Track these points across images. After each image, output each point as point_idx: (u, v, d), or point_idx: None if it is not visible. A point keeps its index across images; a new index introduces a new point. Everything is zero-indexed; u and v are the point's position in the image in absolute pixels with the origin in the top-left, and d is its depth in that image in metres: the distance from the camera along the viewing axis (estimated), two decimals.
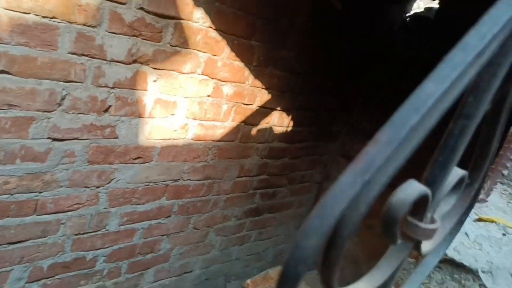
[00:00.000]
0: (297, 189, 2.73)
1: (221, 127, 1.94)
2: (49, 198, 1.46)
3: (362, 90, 2.75)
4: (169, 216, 1.94)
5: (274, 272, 2.59)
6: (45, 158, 1.38)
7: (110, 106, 1.47)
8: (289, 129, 2.37)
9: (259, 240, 2.64)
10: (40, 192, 1.42)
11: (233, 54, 1.78)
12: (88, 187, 1.55)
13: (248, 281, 2.41)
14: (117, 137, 1.55)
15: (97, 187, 1.58)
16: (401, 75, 2.59)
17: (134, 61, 1.45)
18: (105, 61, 1.37)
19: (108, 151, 1.55)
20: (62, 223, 1.53)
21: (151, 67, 1.51)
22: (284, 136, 2.36)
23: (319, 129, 2.61)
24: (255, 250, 2.66)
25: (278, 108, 2.21)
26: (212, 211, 2.17)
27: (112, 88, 1.44)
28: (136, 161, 1.66)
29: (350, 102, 2.73)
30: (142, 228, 1.84)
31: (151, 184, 1.77)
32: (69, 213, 1.54)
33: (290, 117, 2.32)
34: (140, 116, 1.58)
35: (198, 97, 1.75)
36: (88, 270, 1.71)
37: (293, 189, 2.68)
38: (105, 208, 1.65)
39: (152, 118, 1.63)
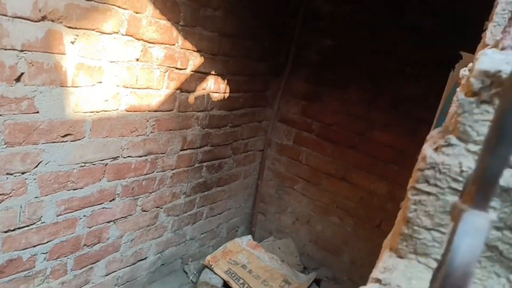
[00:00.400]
0: (242, 159, 2.68)
1: (156, 95, 1.80)
2: None
3: (291, 52, 2.75)
4: (113, 199, 1.76)
5: (231, 245, 2.52)
6: None
7: (22, 74, 1.26)
8: (226, 95, 2.29)
9: (211, 216, 2.54)
10: None
11: (158, 11, 1.65)
12: (11, 174, 1.33)
13: (208, 257, 2.32)
14: (37, 112, 1.34)
15: (23, 172, 1.36)
16: (327, 32, 2.65)
17: (44, 18, 1.26)
18: (5, 17, 1.16)
19: (29, 128, 1.34)
20: None
21: (65, 25, 1.32)
22: (222, 103, 2.27)
23: (254, 94, 2.57)
24: (209, 227, 2.56)
25: (213, 73, 2.11)
26: (159, 190, 2.02)
27: (21, 51, 1.23)
28: (66, 138, 1.46)
29: (280, 66, 2.72)
30: (84, 216, 1.64)
31: (87, 164, 1.58)
32: None
33: (225, 82, 2.24)
34: (62, 85, 1.39)
35: (126, 62, 1.59)
36: (27, 272, 1.48)
37: (237, 159, 2.62)
38: (36, 197, 1.43)
39: (77, 87, 1.44)
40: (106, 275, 1.86)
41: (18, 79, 1.25)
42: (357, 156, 2.56)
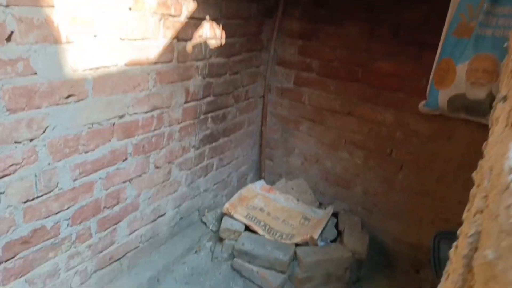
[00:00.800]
0: (244, 106, 2.62)
1: (154, 46, 1.69)
2: None
3: None
4: (126, 159, 1.72)
5: (246, 192, 2.53)
6: None
7: (12, 32, 1.15)
8: (223, 41, 2.18)
9: (221, 167, 2.53)
10: None
11: None
12: (19, 142, 1.26)
13: (226, 205, 2.33)
14: (35, 73, 1.25)
15: (31, 140, 1.30)
16: None
17: None
18: None
19: (29, 92, 1.25)
20: (1, 193, 1.25)
21: None
22: (220, 51, 2.17)
23: (250, 38, 2.45)
24: (220, 178, 2.56)
25: (207, 18, 1.98)
26: (169, 145, 1.97)
27: (7, 6, 1.12)
28: (69, 100, 1.38)
29: (272, 6, 2.58)
30: (100, 178, 1.60)
31: (94, 125, 1.51)
32: (6, 178, 1.25)
33: (220, 27, 2.12)
34: (56, 42, 1.28)
35: (119, 12, 1.47)
36: (53, 239, 1.47)
37: (240, 107, 2.56)
38: (49, 164, 1.38)
39: (71, 42, 1.33)
40: (129, 234, 1.87)
41: (8, 39, 1.14)
42: (361, 89, 2.52)
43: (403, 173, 2.50)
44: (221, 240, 2.27)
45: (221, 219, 2.37)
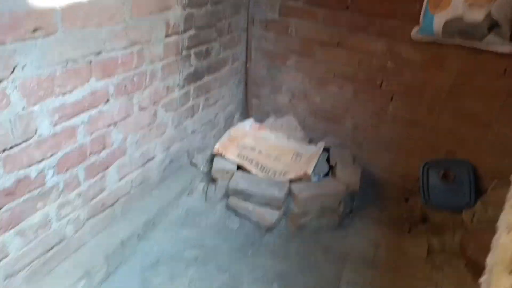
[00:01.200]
0: (228, 41, 2.45)
1: None
2: None
3: None
4: (108, 100, 1.58)
5: (236, 131, 2.46)
6: None
7: None
8: None
9: (207, 107, 2.42)
10: None
11: None
12: None
13: (217, 146, 2.27)
14: None
15: None
16: None
17: None
18: None
19: None
20: None
21: None
22: None
23: None
24: (207, 119, 2.46)
25: None
26: (153, 85, 1.84)
27: None
28: (37, 34, 1.21)
29: None
30: (82, 123, 1.48)
31: (69, 64, 1.36)
32: None
33: None
34: None
35: None
36: (39, 189, 1.37)
37: (223, 42, 2.39)
38: (23, 109, 1.24)
39: None
40: (119, 180, 1.79)
41: None
42: (352, 18, 2.38)
43: (394, 105, 2.47)
44: (213, 181, 2.24)
45: (212, 160, 2.32)
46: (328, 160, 2.43)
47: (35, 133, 1.30)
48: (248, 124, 2.55)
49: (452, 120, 2.34)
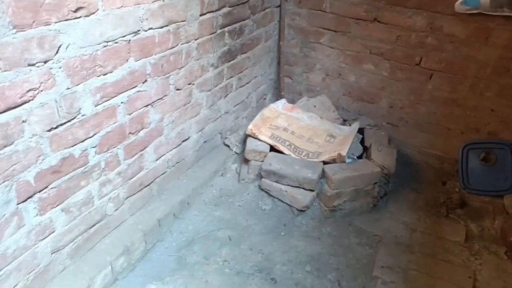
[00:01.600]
0: (261, 18, 2.39)
1: None
2: None
3: None
4: (145, 81, 1.58)
5: (268, 112, 2.43)
6: None
7: None
8: None
9: (240, 87, 2.39)
10: None
11: None
12: (33, 65, 1.13)
13: (250, 126, 2.25)
14: None
15: (45, 61, 1.16)
16: None
17: None
18: None
19: (34, 5, 1.08)
20: (24, 121, 1.15)
21: None
22: None
23: None
24: (240, 99, 2.43)
25: None
26: (188, 64, 1.82)
27: None
28: (79, 14, 1.21)
29: None
30: (121, 102, 1.49)
31: (109, 43, 1.36)
32: (26, 105, 1.14)
33: None
34: None
35: None
36: (83, 168, 1.41)
37: (257, 19, 2.34)
38: (68, 89, 1.26)
39: None
40: (156, 160, 1.81)
41: None
42: None
43: (433, 83, 2.37)
44: (246, 161, 2.23)
45: (244, 141, 2.30)
46: (362, 141, 2.37)
47: (79, 112, 1.32)
48: (281, 105, 2.51)
49: (496, 99, 2.23)
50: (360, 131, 2.42)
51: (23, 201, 1.22)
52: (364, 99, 2.61)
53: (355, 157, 2.26)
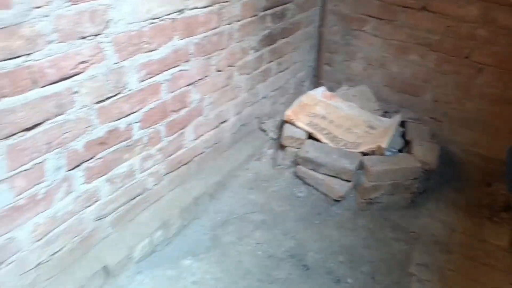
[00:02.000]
0: (303, 3, 2.35)
1: None
2: (43, 62, 1.08)
3: None
4: (188, 60, 1.60)
5: (307, 99, 2.40)
6: (7, 1, 0.96)
7: None
8: None
9: (279, 72, 2.37)
10: (29, 54, 1.04)
11: None
12: (84, 38, 1.17)
13: (288, 112, 2.23)
14: None
15: (96, 35, 1.19)
16: None
17: None
18: None
19: None
20: (75, 92, 1.20)
21: None
22: None
23: None
24: (278, 84, 2.42)
25: None
26: (230, 46, 1.83)
27: None
28: None
29: None
30: (165, 80, 1.52)
31: (155, 20, 1.38)
32: (77, 77, 1.19)
33: None
34: None
35: None
36: (127, 141, 1.45)
37: (299, 3, 2.30)
38: (116, 63, 1.29)
39: None
40: (195, 139, 1.84)
41: None
42: None
43: (482, 78, 2.24)
44: (282, 147, 2.22)
45: (281, 127, 2.29)
46: (403, 135, 2.30)
47: (125, 87, 1.36)
48: (320, 92, 2.47)
49: None
50: (401, 124, 2.34)
51: (72, 169, 1.28)
52: (406, 91, 2.52)
53: (396, 150, 2.19)
